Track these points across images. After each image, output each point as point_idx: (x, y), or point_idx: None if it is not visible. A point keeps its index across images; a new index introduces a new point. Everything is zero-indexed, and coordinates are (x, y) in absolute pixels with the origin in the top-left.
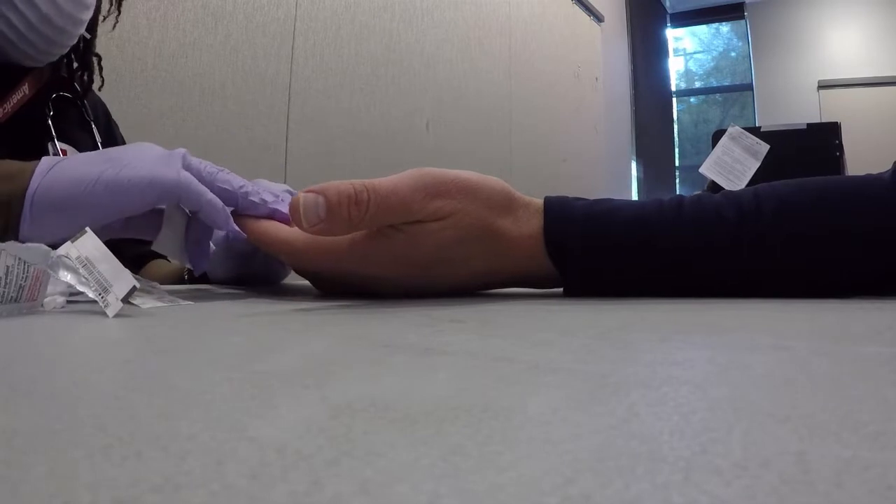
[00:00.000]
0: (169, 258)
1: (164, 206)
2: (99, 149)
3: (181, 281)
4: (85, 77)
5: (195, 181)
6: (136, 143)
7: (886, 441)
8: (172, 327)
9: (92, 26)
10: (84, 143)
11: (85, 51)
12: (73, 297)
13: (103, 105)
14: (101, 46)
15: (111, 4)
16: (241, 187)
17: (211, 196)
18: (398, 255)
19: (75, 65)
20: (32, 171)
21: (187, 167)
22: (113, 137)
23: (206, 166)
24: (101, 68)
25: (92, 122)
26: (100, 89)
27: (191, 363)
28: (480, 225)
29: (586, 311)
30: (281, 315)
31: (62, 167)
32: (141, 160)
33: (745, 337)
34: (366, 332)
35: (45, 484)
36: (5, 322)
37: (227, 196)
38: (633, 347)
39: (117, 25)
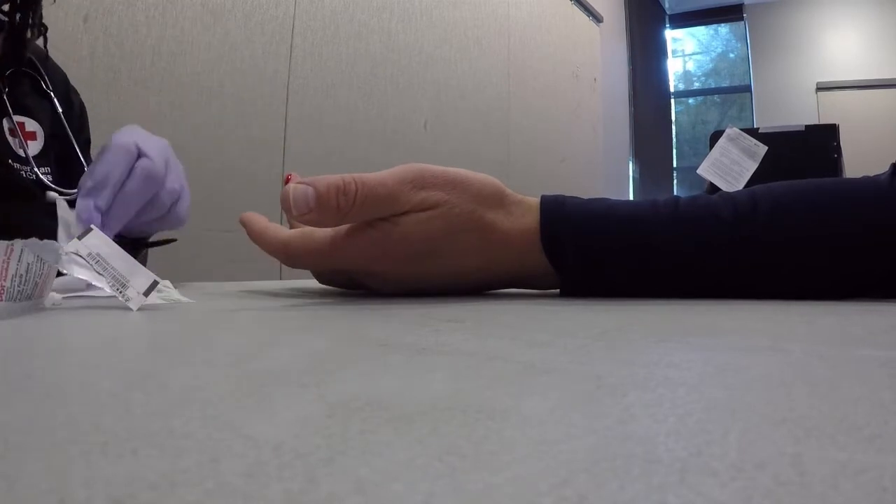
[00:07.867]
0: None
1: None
2: (60, 118)
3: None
4: (36, 33)
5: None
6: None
7: (882, 444)
8: (170, 324)
9: None
10: (42, 111)
11: (32, 7)
12: (69, 294)
13: (62, 73)
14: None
15: None
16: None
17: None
18: (388, 247)
19: (29, 32)
20: None
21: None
22: (70, 105)
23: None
24: (45, 39)
25: (51, 92)
26: (45, 59)
27: (187, 361)
28: (469, 217)
29: (584, 311)
30: (279, 313)
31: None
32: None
33: (741, 339)
34: (363, 331)
35: (41, 481)
36: (8, 319)
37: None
38: (630, 348)
39: (116, 23)
